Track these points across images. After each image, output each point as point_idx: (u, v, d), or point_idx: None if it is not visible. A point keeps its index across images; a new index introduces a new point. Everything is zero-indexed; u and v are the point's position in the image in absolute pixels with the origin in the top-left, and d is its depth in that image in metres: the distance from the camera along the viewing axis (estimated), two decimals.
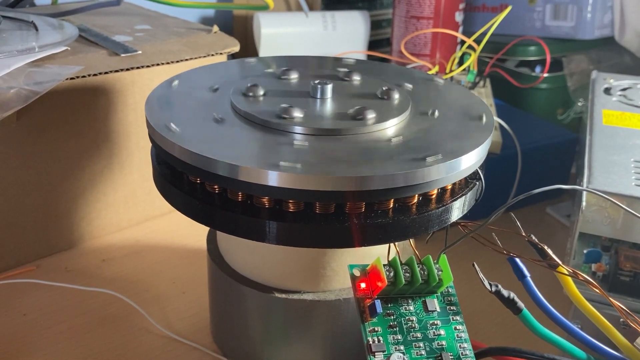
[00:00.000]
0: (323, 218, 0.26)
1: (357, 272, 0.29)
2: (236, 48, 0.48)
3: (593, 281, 0.27)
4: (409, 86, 0.34)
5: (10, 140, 0.40)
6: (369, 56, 0.68)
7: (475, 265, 0.28)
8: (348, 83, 0.34)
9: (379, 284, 0.27)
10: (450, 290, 0.29)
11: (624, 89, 0.48)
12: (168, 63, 0.43)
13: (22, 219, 0.42)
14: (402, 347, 0.27)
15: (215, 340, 0.36)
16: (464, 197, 0.29)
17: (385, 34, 0.73)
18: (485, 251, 0.29)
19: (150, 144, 0.31)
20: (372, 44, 0.71)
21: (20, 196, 0.41)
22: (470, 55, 0.53)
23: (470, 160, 0.28)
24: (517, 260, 0.28)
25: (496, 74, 0.58)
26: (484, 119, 0.30)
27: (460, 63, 0.55)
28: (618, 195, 0.32)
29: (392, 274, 0.28)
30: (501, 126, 0.48)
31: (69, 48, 0.42)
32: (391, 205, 0.27)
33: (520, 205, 0.28)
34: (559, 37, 0.63)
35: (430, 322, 0.28)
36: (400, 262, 0.28)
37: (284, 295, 0.31)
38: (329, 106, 0.31)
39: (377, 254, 0.29)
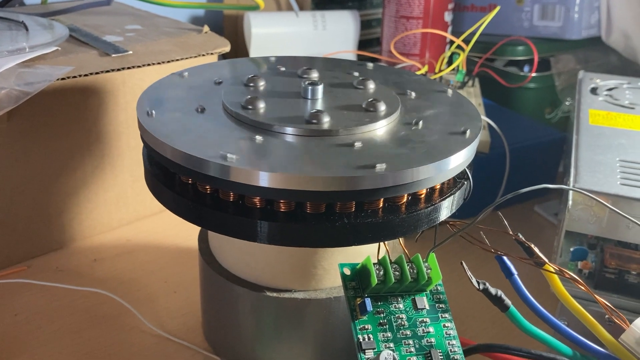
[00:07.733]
0: (314, 218, 0.26)
1: (347, 271, 0.29)
2: (227, 48, 0.48)
3: (579, 279, 0.27)
4: (413, 94, 0.35)
5: (0, 140, 0.40)
6: (359, 56, 0.68)
7: (463, 264, 0.28)
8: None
9: (369, 282, 0.28)
10: (439, 288, 0.30)
11: (610, 89, 0.48)
12: (159, 63, 0.44)
13: (13, 219, 0.42)
14: (392, 345, 0.27)
15: (207, 339, 0.37)
16: (452, 196, 0.29)
17: (375, 33, 0.73)
18: (474, 250, 0.29)
19: (141, 144, 0.31)
20: (362, 44, 0.71)
21: (11, 196, 0.41)
22: (459, 55, 0.54)
23: (458, 160, 0.28)
24: (505, 258, 0.29)
25: (485, 74, 0.59)
26: (467, 134, 0.30)
27: (449, 63, 0.56)
28: (604, 194, 0.32)
29: (382, 272, 0.28)
30: (489, 125, 0.48)
31: (59, 48, 0.42)
32: (381, 205, 0.27)
33: (508, 204, 0.28)
34: (547, 37, 0.64)
35: (420, 319, 0.29)
36: (390, 260, 0.28)
37: (275, 294, 0.31)
38: (319, 107, 0.31)
39: (367, 253, 0.30)
